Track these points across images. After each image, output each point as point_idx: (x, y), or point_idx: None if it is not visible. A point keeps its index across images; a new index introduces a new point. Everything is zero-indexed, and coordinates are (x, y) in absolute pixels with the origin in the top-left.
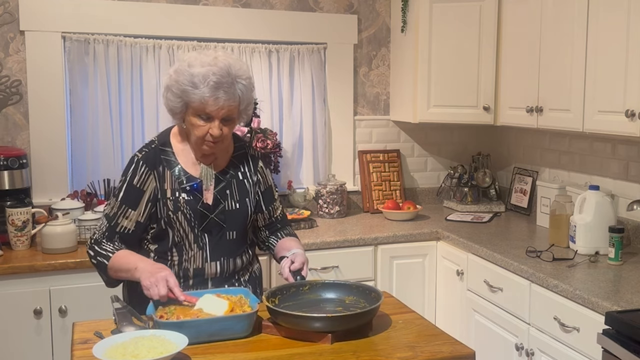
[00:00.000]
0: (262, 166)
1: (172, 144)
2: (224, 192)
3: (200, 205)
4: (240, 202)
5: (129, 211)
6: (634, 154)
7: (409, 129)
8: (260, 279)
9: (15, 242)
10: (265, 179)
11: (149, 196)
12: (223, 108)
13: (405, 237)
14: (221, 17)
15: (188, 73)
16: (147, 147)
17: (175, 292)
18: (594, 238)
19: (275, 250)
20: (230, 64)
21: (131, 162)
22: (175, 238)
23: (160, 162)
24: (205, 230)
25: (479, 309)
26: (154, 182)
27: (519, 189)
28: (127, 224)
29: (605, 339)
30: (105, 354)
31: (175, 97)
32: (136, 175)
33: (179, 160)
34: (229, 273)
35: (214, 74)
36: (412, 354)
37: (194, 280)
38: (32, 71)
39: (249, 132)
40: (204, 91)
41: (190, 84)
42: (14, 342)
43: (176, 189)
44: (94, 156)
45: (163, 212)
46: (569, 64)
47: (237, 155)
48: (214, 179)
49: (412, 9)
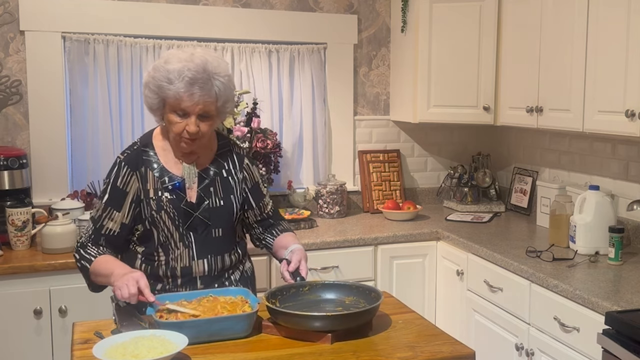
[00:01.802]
0: (248, 163)
1: (154, 144)
2: (207, 189)
3: (184, 204)
4: (225, 199)
5: (114, 213)
6: (634, 154)
7: (409, 129)
8: (253, 278)
9: (15, 242)
10: (252, 176)
11: (132, 197)
12: (198, 104)
13: (405, 237)
14: (221, 17)
15: (164, 69)
16: (129, 148)
17: (145, 293)
18: (594, 238)
19: (274, 250)
20: (207, 61)
21: (114, 165)
22: (160, 238)
23: (142, 163)
24: (190, 228)
25: (479, 309)
26: (137, 183)
27: (519, 189)
28: (112, 226)
29: (605, 339)
30: (105, 354)
31: (152, 93)
32: (119, 177)
33: (161, 160)
34: (218, 271)
35: (189, 70)
36: (412, 354)
37: (183, 279)
38: (32, 71)
39: (249, 132)
40: (178, 86)
41: (165, 79)
42: (14, 342)
43: (158, 188)
44: (94, 156)
45: (147, 212)
46: (569, 64)
47: (221, 153)
48: (196, 177)
49: (412, 9)
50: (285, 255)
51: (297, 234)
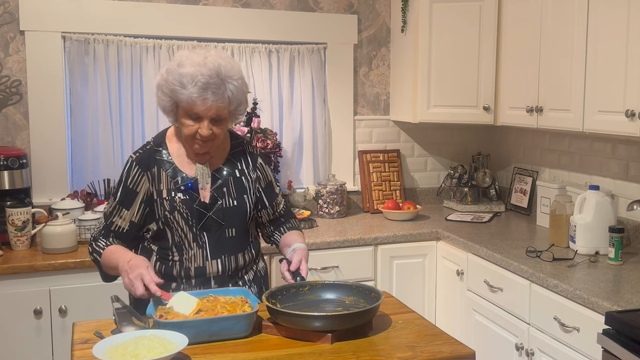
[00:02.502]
0: (261, 162)
1: (168, 144)
2: (220, 189)
3: (197, 204)
4: (238, 199)
5: (123, 211)
6: (634, 154)
7: (409, 129)
8: (266, 278)
9: (15, 242)
10: (266, 175)
11: (143, 197)
12: (211, 109)
13: (405, 237)
14: (221, 17)
15: (177, 73)
16: (142, 148)
17: (151, 288)
18: (594, 238)
19: (280, 247)
20: (220, 65)
21: (126, 163)
22: (174, 238)
23: (155, 163)
24: (204, 228)
25: (479, 309)
26: (147, 184)
27: (519, 189)
28: (121, 224)
29: (605, 339)
30: (105, 354)
31: (165, 96)
32: (130, 177)
33: (174, 160)
34: (232, 271)
35: (202, 75)
36: (412, 354)
37: (197, 280)
38: (32, 71)
39: (249, 132)
40: (191, 91)
41: (178, 83)
42: (14, 342)
43: (172, 189)
44: (94, 156)
45: (160, 213)
46: (569, 64)
47: (235, 152)
48: (210, 178)
49: (412, 9)
50: (287, 254)
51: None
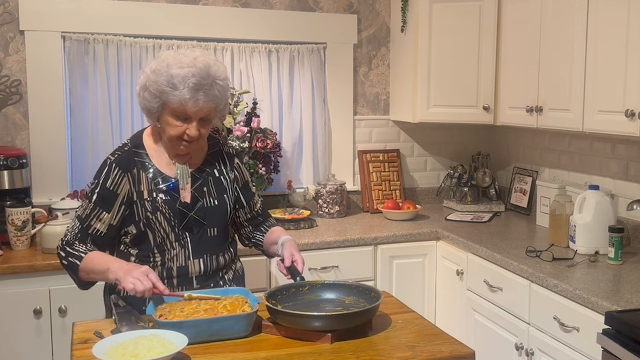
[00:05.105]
0: (238, 163)
1: (146, 145)
2: (201, 190)
3: (179, 205)
4: (219, 198)
5: (103, 214)
6: (634, 154)
7: (409, 129)
8: (244, 278)
9: (15, 242)
10: (243, 175)
11: (123, 199)
12: (203, 110)
13: (405, 237)
14: (221, 17)
15: (167, 74)
16: (120, 150)
17: (158, 286)
18: (594, 238)
19: (264, 247)
20: (210, 65)
21: (104, 166)
22: (156, 239)
23: (135, 165)
24: (186, 228)
25: (479, 309)
26: (128, 185)
27: (519, 189)
28: (100, 227)
29: (605, 339)
30: (105, 354)
31: (152, 97)
32: (109, 179)
33: (154, 162)
34: (213, 271)
35: (194, 76)
36: (412, 354)
37: (179, 279)
38: (32, 71)
39: (249, 132)
40: (184, 93)
41: (169, 85)
42: (14, 342)
43: (153, 190)
44: (94, 156)
45: (142, 214)
46: (569, 64)
47: (212, 153)
48: (190, 178)
49: (412, 9)
50: (277, 251)
51: (297, 234)
